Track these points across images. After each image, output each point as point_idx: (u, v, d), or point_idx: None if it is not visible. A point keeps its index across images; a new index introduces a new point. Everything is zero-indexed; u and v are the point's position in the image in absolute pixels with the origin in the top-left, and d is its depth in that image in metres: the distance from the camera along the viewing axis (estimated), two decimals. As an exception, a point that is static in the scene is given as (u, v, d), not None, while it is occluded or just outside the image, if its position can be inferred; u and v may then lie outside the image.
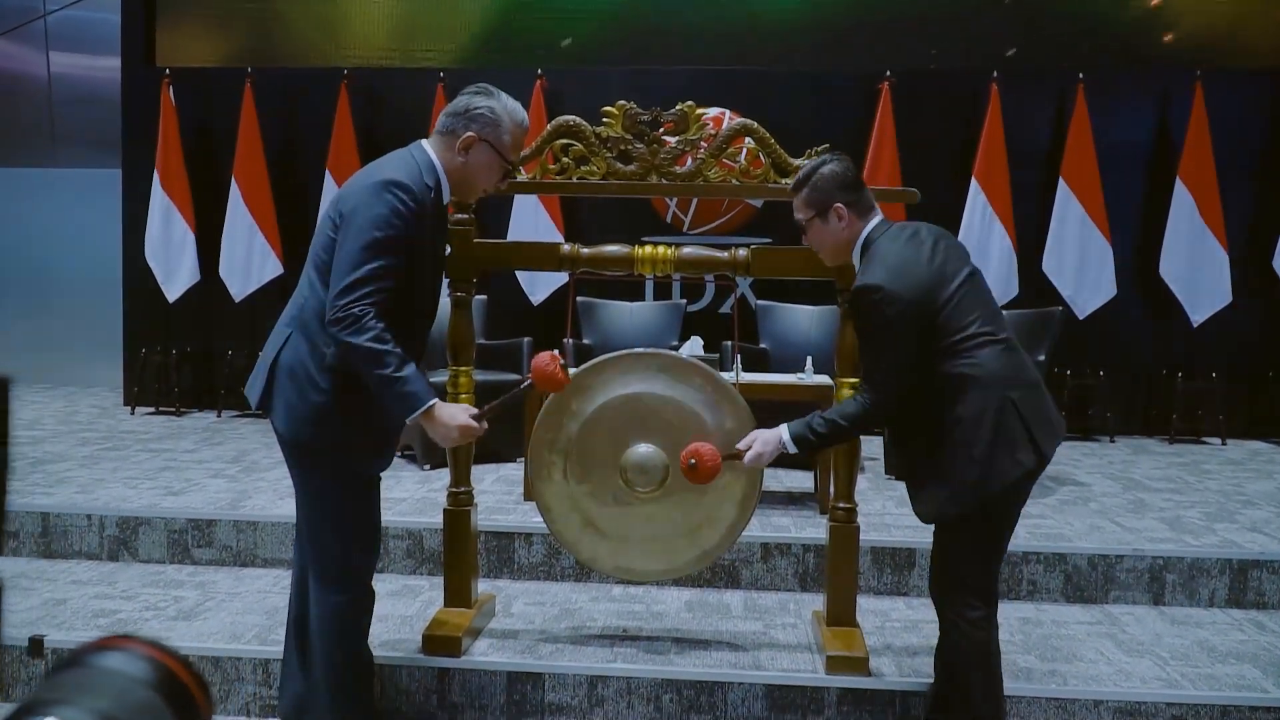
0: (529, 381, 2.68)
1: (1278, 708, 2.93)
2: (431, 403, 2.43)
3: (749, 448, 2.71)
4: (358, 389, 2.47)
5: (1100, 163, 6.27)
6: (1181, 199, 6.25)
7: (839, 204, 2.62)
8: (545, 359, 2.62)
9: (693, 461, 2.73)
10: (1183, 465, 5.59)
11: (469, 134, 2.57)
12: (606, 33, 6.93)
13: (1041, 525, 4.13)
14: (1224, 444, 6.28)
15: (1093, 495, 4.74)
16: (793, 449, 2.66)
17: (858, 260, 2.66)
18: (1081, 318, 6.27)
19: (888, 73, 6.38)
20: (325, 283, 2.47)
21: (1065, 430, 2.63)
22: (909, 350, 2.49)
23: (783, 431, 2.66)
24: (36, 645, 3.16)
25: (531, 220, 6.44)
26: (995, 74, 6.33)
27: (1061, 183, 6.30)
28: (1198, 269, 6.23)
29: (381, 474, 2.71)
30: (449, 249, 3.01)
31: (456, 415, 2.49)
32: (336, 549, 2.59)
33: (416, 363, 2.54)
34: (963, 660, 2.55)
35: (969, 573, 2.54)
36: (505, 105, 2.61)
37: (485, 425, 2.55)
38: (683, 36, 6.86)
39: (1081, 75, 6.30)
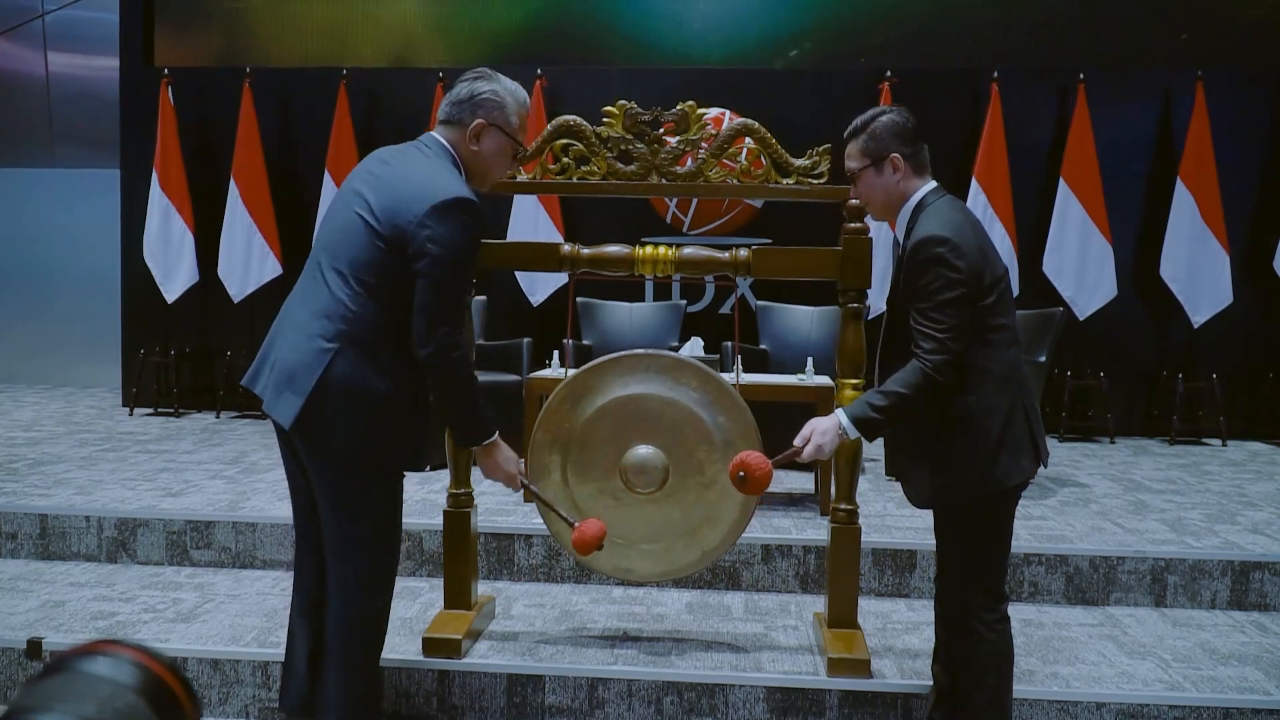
0: (575, 524, 2.76)
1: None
2: (495, 435, 2.62)
3: (806, 442, 2.52)
4: (412, 390, 2.48)
5: (1101, 163, 6.26)
6: (1182, 199, 6.24)
7: (895, 154, 2.52)
8: (590, 541, 2.71)
9: (741, 474, 2.56)
10: (1183, 466, 5.58)
11: (478, 121, 2.55)
12: (607, 31, 6.92)
13: (1043, 527, 4.12)
14: (1225, 445, 6.27)
15: (1094, 496, 4.73)
16: (854, 433, 2.47)
17: (904, 224, 2.55)
18: (1082, 318, 6.27)
19: (888, 72, 6.38)
20: (377, 295, 2.41)
21: None
22: (968, 310, 2.37)
23: (839, 416, 2.48)
24: (34, 647, 3.15)
25: (531, 220, 6.43)
26: (996, 74, 6.33)
27: (1062, 183, 6.30)
28: (1198, 270, 6.22)
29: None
30: None
31: (510, 462, 2.67)
32: (381, 557, 2.59)
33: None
34: (979, 662, 2.52)
35: (978, 572, 2.52)
36: (507, 87, 2.61)
37: (521, 491, 2.76)
38: (683, 36, 6.86)
39: (1082, 75, 6.29)
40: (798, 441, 2.55)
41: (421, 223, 2.39)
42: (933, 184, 2.57)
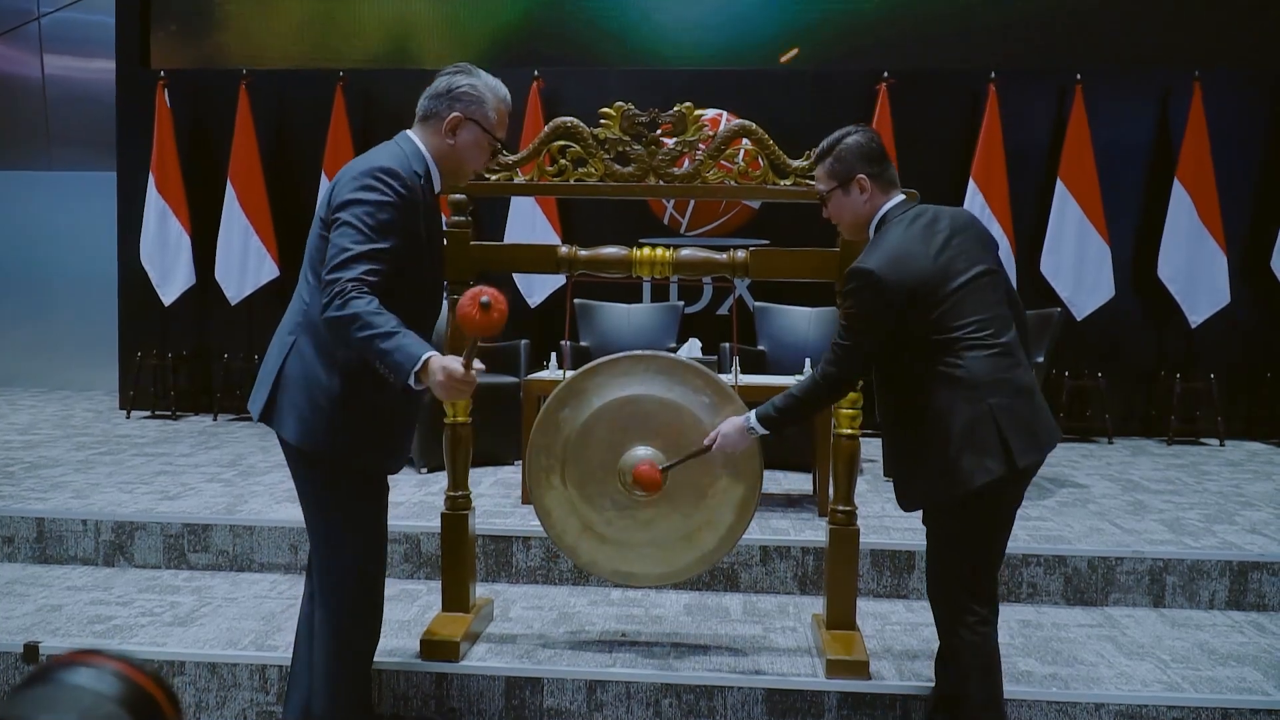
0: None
1: (1279, 710, 2.92)
2: (428, 355, 2.21)
3: (713, 441, 2.80)
4: (371, 389, 2.41)
5: (1098, 163, 6.27)
6: (1180, 200, 6.24)
7: (862, 175, 2.58)
8: (465, 301, 2.15)
9: (639, 492, 2.95)
10: (1181, 466, 5.58)
11: (454, 114, 2.53)
12: (605, 32, 6.91)
13: (1041, 527, 4.11)
14: (1222, 445, 6.27)
15: (1092, 497, 4.73)
16: (760, 430, 2.71)
17: (871, 236, 2.62)
18: (1080, 319, 6.27)
19: (886, 73, 6.38)
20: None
21: (1057, 438, 2.58)
22: (877, 339, 2.50)
23: (749, 415, 2.73)
24: (31, 652, 3.14)
25: (529, 222, 6.43)
26: (993, 74, 6.33)
27: (1060, 183, 6.30)
28: (1196, 270, 6.23)
29: (390, 478, 2.66)
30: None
31: (446, 363, 2.21)
32: (348, 557, 2.54)
33: None
34: (962, 663, 2.53)
35: (958, 573, 2.53)
36: (486, 82, 2.58)
37: (474, 373, 2.23)
38: (681, 37, 6.86)
39: (1080, 75, 6.30)
40: (706, 441, 2.83)
41: (339, 193, 2.39)
42: (899, 198, 2.61)
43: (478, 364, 2.24)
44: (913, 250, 2.48)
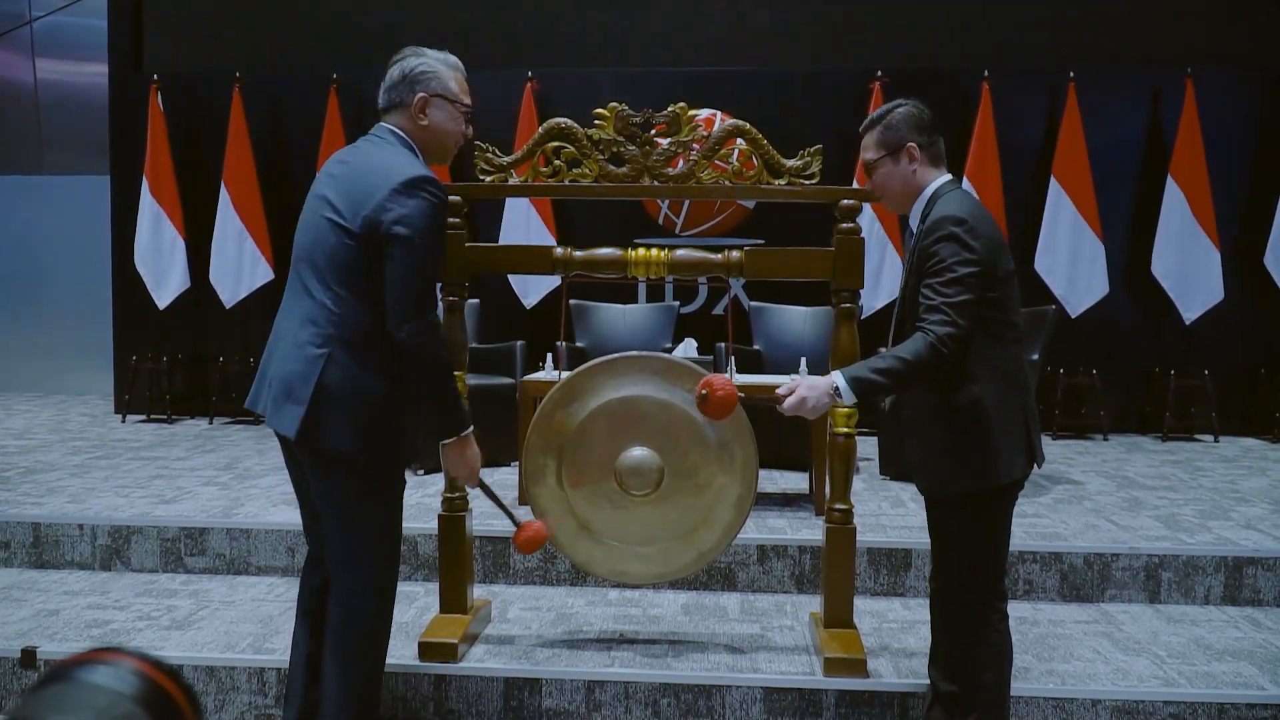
0: (519, 525, 2.83)
1: (1274, 705, 2.93)
2: (471, 429, 2.55)
3: (790, 393, 2.44)
4: (404, 394, 2.48)
5: (1092, 161, 6.28)
6: (1173, 197, 6.26)
7: (912, 144, 2.54)
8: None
9: (703, 392, 2.53)
10: (1176, 463, 5.60)
11: (419, 95, 2.55)
12: (598, 33, 6.92)
13: (1037, 524, 4.12)
14: (1217, 441, 6.29)
15: (1087, 494, 4.74)
16: (850, 397, 2.39)
17: (918, 213, 2.55)
18: (1074, 316, 6.29)
19: (879, 72, 6.38)
20: (358, 295, 2.39)
21: None
22: (979, 292, 2.36)
23: (836, 378, 2.39)
24: (29, 656, 3.14)
25: (523, 223, 6.43)
26: (986, 73, 6.34)
27: (1053, 181, 6.31)
28: (1190, 267, 6.24)
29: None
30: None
31: (477, 458, 2.59)
32: (386, 562, 2.58)
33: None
34: (978, 662, 2.52)
35: (979, 572, 2.52)
36: (437, 56, 2.62)
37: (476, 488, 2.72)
38: (674, 37, 6.86)
39: (1073, 74, 6.31)
40: (781, 391, 2.47)
41: (384, 206, 2.38)
42: (948, 176, 2.58)
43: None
44: (987, 216, 2.48)
